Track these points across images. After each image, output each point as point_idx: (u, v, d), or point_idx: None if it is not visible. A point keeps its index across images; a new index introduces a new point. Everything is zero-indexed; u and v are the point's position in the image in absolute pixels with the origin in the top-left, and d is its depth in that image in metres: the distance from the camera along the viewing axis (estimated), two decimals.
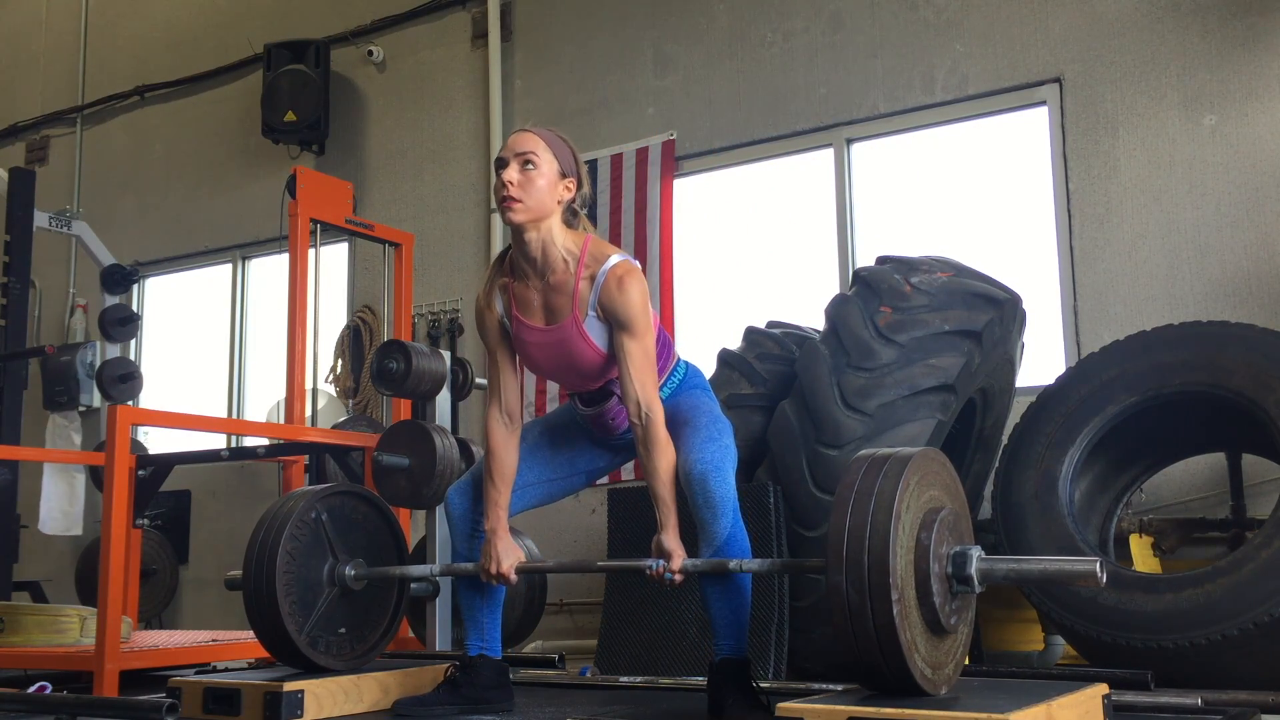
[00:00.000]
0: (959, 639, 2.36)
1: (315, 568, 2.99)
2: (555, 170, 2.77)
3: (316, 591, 2.99)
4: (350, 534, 3.08)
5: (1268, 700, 3.09)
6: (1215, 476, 4.66)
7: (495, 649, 2.96)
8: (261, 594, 2.89)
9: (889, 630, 2.10)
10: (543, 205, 2.75)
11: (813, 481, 4.20)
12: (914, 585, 2.18)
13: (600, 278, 2.74)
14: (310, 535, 2.98)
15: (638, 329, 2.72)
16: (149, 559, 6.28)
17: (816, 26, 5.92)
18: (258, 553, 2.91)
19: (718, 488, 2.72)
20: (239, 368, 7.62)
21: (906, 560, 2.17)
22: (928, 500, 2.28)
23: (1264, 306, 4.71)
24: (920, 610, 2.20)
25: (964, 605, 2.33)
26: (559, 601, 5.88)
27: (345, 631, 3.06)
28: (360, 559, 3.06)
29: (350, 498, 3.12)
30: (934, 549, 2.21)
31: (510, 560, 2.82)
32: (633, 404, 2.72)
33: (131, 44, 8.45)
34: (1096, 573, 2.21)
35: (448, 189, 6.89)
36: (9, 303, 6.80)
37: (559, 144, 2.81)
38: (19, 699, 3.26)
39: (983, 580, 2.27)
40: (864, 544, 2.15)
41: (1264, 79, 4.87)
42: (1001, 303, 4.31)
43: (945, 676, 2.25)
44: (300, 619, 2.93)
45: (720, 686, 2.77)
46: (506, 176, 2.74)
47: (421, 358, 4.69)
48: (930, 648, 2.22)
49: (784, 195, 6.05)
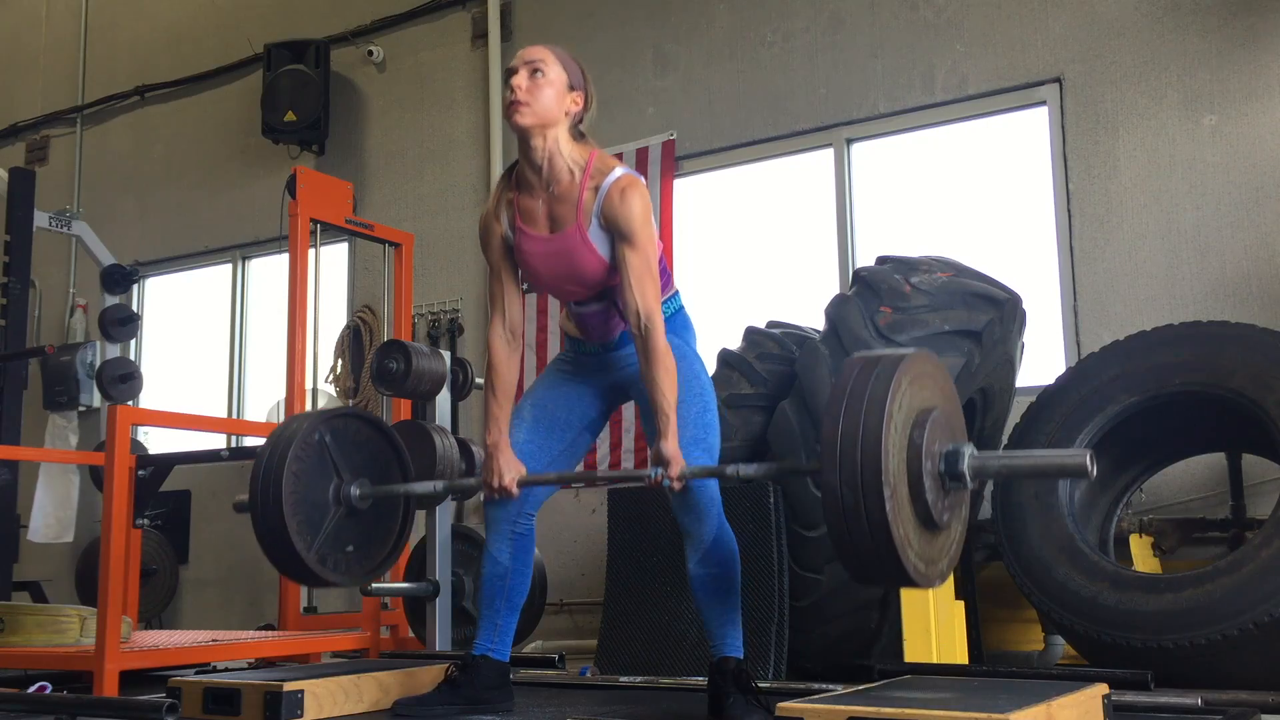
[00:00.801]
0: (952, 535, 2.38)
1: (321, 488, 2.96)
2: (564, 81, 2.82)
3: (323, 511, 2.96)
4: (354, 455, 3.05)
5: (1268, 700, 3.10)
6: (1215, 476, 4.66)
7: (504, 652, 2.96)
8: (269, 514, 2.86)
9: (882, 527, 2.13)
10: (549, 112, 2.78)
11: (813, 481, 4.20)
12: (906, 483, 2.21)
13: (604, 188, 2.77)
14: (315, 456, 2.95)
15: (639, 240, 2.75)
16: (149, 559, 6.28)
17: (816, 26, 5.92)
18: (263, 474, 2.88)
19: (701, 496, 2.75)
20: (239, 368, 7.62)
21: (899, 459, 2.19)
22: (920, 400, 2.29)
23: (1264, 306, 4.71)
24: (913, 507, 2.22)
25: (957, 502, 2.36)
26: (559, 601, 5.88)
27: (353, 549, 3.04)
28: (365, 479, 3.05)
29: (353, 420, 3.10)
30: (926, 447, 2.23)
31: (512, 474, 2.84)
32: (633, 314, 2.73)
33: (131, 44, 8.45)
34: (1086, 464, 2.23)
35: (448, 189, 6.89)
36: (9, 303, 6.80)
37: (569, 61, 2.85)
38: (19, 699, 3.26)
39: (975, 476, 2.31)
40: (857, 444, 2.16)
41: (1264, 79, 4.87)
42: (1001, 303, 4.31)
43: (939, 571, 2.28)
44: (308, 537, 2.90)
45: (720, 686, 2.77)
46: (515, 81, 2.78)
47: (421, 358, 4.69)
48: (924, 544, 2.24)
49: (784, 195, 6.05)
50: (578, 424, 3.01)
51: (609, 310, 2.88)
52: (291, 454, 2.88)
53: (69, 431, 7.53)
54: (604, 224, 2.77)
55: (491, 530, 2.94)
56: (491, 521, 2.94)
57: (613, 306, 2.87)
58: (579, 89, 2.84)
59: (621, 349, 2.93)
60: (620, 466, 5.90)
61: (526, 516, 2.95)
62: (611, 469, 5.92)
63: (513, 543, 2.93)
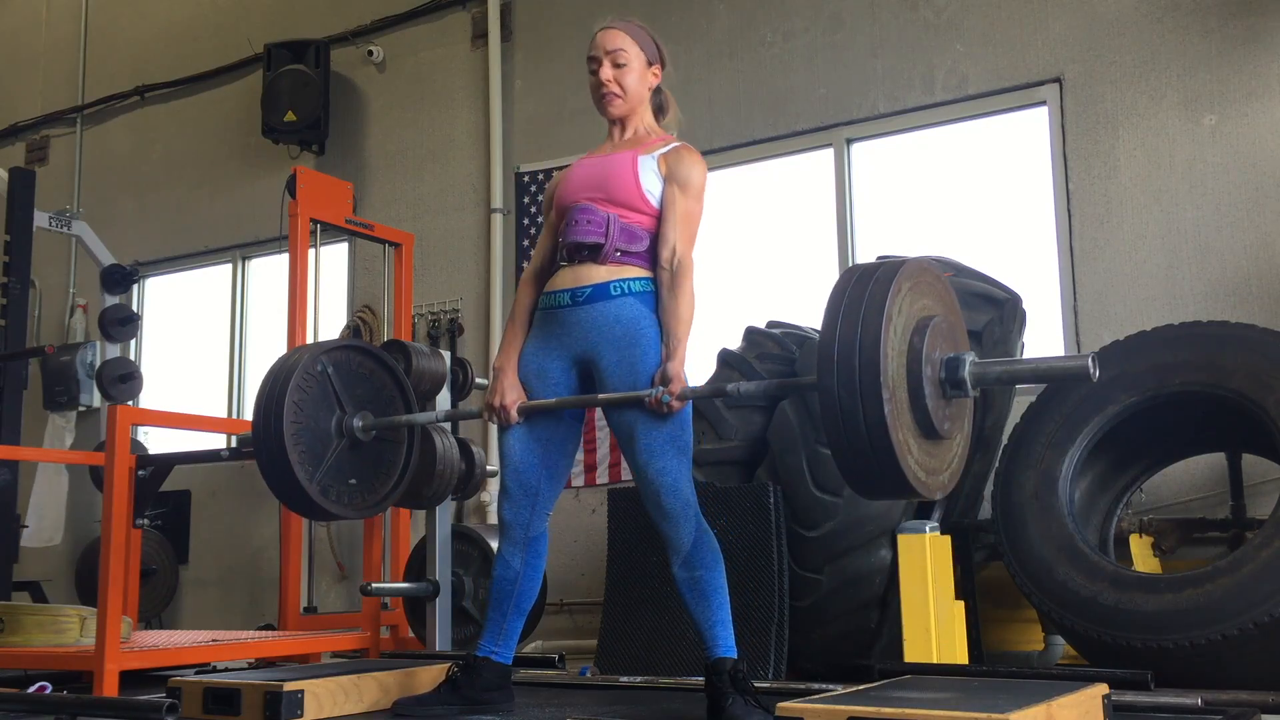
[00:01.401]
0: (954, 446, 2.32)
1: (323, 419, 2.95)
2: (643, 61, 3.03)
3: (325, 443, 2.95)
4: (357, 388, 3.03)
5: (1268, 700, 3.10)
6: (1215, 476, 4.66)
7: (507, 655, 2.96)
8: (271, 444, 2.85)
9: (880, 430, 2.08)
10: (638, 95, 3.03)
11: (813, 481, 4.20)
12: (906, 388, 2.16)
13: (674, 145, 3.02)
14: (317, 388, 2.93)
15: (692, 190, 2.95)
16: (149, 559, 6.28)
17: (816, 26, 5.92)
18: (264, 405, 2.87)
19: (672, 502, 2.76)
20: (239, 368, 7.62)
21: (898, 363, 2.14)
22: (920, 308, 2.24)
23: (1264, 307, 4.71)
24: (913, 414, 2.16)
25: (958, 411, 2.31)
26: (559, 601, 5.88)
27: (356, 482, 3.02)
28: (367, 411, 3.03)
29: (355, 352, 3.09)
30: (926, 353, 2.18)
31: (513, 396, 2.91)
32: (668, 248, 2.90)
33: (131, 44, 8.45)
34: (1089, 368, 2.20)
35: (448, 189, 6.89)
36: (9, 303, 6.80)
37: (642, 36, 3.04)
38: (19, 699, 3.26)
39: (976, 383, 2.26)
40: (855, 347, 2.12)
41: (1264, 79, 4.87)
42: (1001, 302, 4.31)
43: (940, 483, 2.23)
44: (310, 468, 2.89)
45: (718, 687, 2.77)
46: (603, 75, 2.98)
47: (421, 358, 4.68)
48: (924, 452, 2.18)
49: (784, 195, 6.05)
50: (567, 414, 3.00)
51: (603, 225, 2.88)
52: (293, 384, 2.86)
53: (65, 432, 7.53)
54: (663, 167, 2.93)
55: (505, 534, 2.94)
56: (504, 526, 2.94)
57: (608, 227, 2.87)
58: (656, 62, 3.05)
59: (591, 303, 2.88)
60: (620, 465, 5.90)
61: (540, 520, 2.95)
62: (612, 468, 5.93)
63: (525, 548, 2.93)
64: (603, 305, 2.86)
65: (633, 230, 2.89)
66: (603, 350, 2.86)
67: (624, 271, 2.88)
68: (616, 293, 2.87)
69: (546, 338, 2.96)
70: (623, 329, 2.84)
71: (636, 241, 2.91)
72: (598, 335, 2.87)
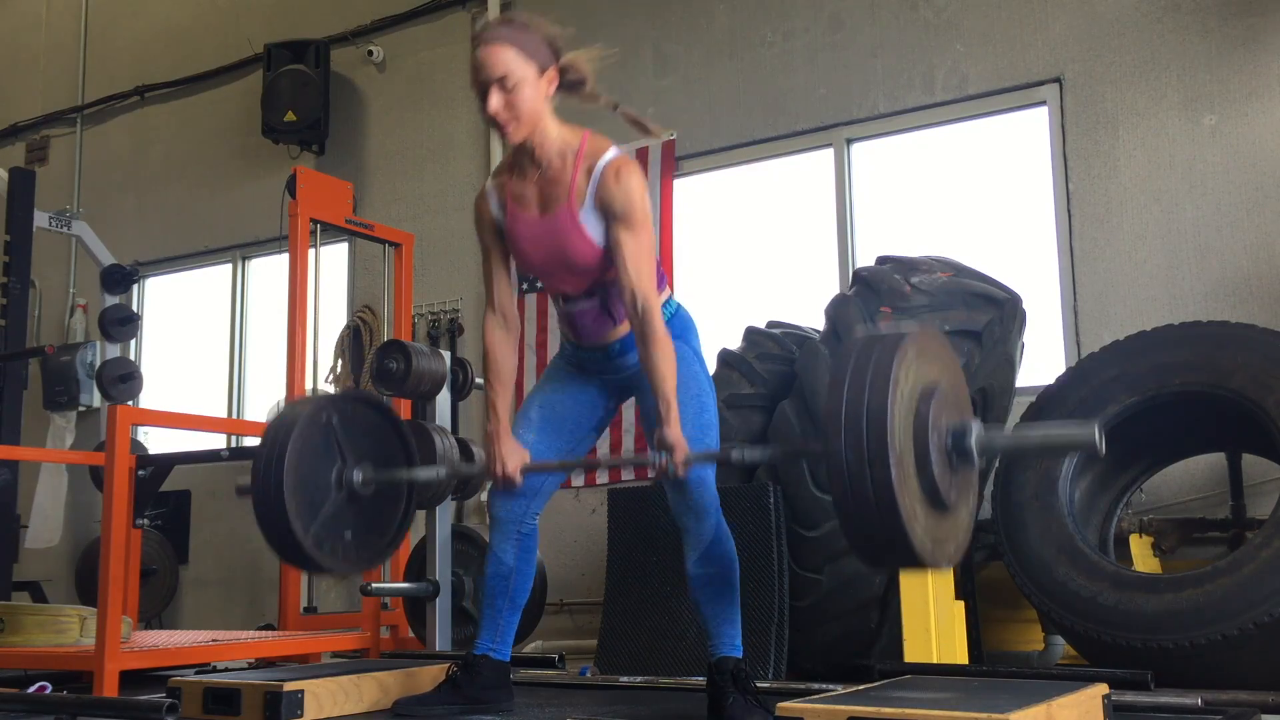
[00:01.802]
0: (960, 519, 2.30)
1: (324, 470, 2.91)
2: (533, 74, 2.72)
3: (324, 494, 2.91)
4: (360, 440, 3.00)
5: (1268, 700, 3.10)
6: (1215, 476, 4.66)
7: (505, 651, 2.96)
8: (269, 493, 2.81)
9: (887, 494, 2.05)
10: (535, 113, 2.72)
11: (813, 481, 4.20)
12: (913, 453, 2.14)
13: (598, 171, 2.72)
14: (320, 438, 2.93)
15: (635, 221, 2.68)
16: (149, 559, 6.27)
17: (816, 26, 5.92)
18: (267, 452, 2.84)
19: (701, 495, 2.75)
20: (239, 368, 7.62)
21: (905, 427, 2.12)
22: (926, 376, 2.23)
23: (1264, 307, 4.71)
24: (919, 479, 2.14)
25: (965, 483, 2.29)
26: (559, 601, 5.88)
27: (351, 536, 3.01)
28: (368, 464, 3.04)
29: (362, 404, 3.07)
30: (933, 421, 2.16)
31: (515, 461, 2.80)
32: (628, 295, 2.67)
33: (131, 44, 8.44)
34: (1095, 438, 2.17)
35: (448, 189, 6.89)
36: (9, 303, 6.80)
37: (529, 40, 2.73)
38: (19, 699, 3.26)
39: (982, 452, 2.23)
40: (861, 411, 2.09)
41: (1264, 79, 4.87)
42: (1001, 303, 4.31)
43: (947, 553, 2.19)
44: (307, 519, 2.85)
45: (719, 686, 2.77)
46: (491, 107, 2.67)
47: (421, 358, 4.69)
48: (931, 521, 2.16)
49: (784, 195, 6.05)
50: (586, 424, 3.00)
51: (600, 311, 2.84)
52: (296, 433, 2.84)
53: (66, 431, 7.53)
54: (599, 206, 2.71)
55: (496, 530, 2.94)
56: (496, 521, 2.93)
57: (603, 308, 2.83)
58: (549, 66, 2.75)
59: (622, 356, 2.89)
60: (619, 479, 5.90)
61: (532, 516, 2.95)
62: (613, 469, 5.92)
63: (518, 543, 2.93)
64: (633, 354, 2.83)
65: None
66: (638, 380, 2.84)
67: None
68: None
69: (582, 368, 2.98)
70: None
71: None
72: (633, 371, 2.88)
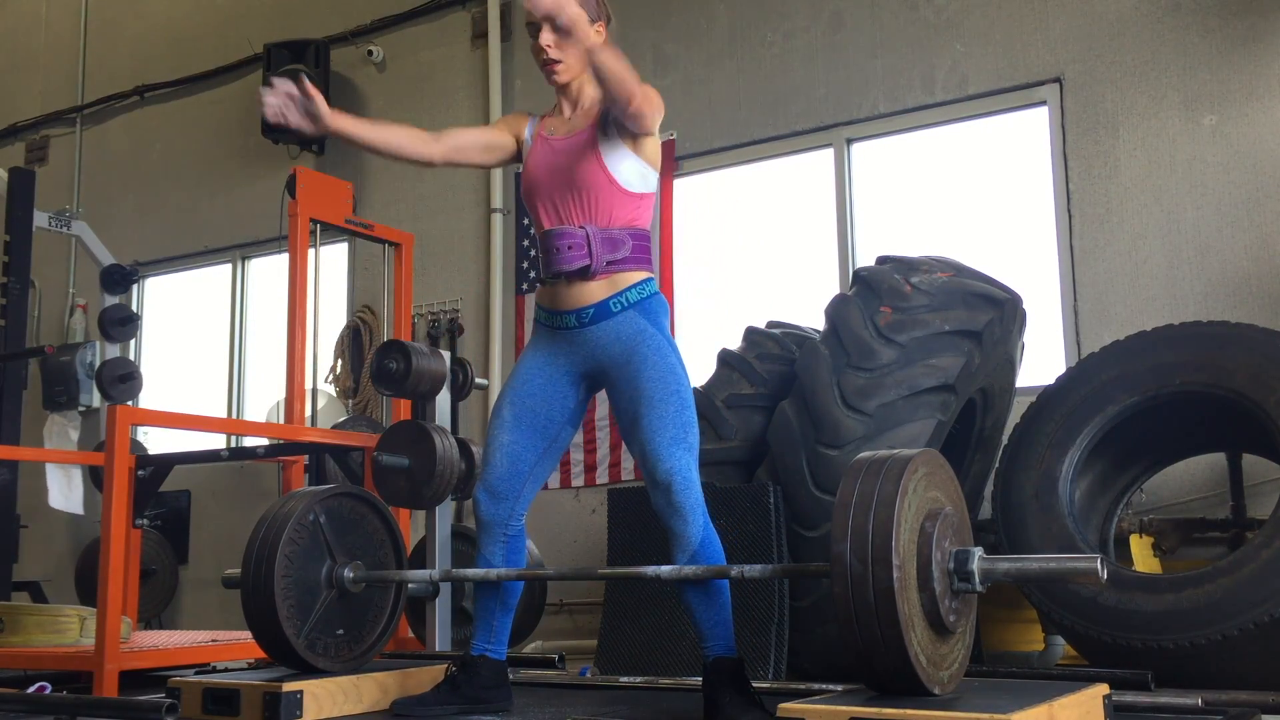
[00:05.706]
0: (960, 643, 2.34)
1: (313, 570, 2.98)
2: (585, 21, 2.75)
3: (315, 594, 2.98)
4: (349, 535, 3.08)
5: (1268, 700, 3.09)
6: (1215, 476, 4.66)
7: (500, 651, 2.96)
8: (260, 597, 2.88)
9: (888, 599, 2.09)
10: (582, 58, 2.83)
11: (813, 481, 4.19)
12: (915, 565, 2.18)
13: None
14: (309, 538, 2.98)
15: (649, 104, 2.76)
16: (149, 559, 6.28)
17: (816, 26, 5.92)
18: (256, 555, 2.90)
19: (685, 497, 2.75)
20: (239, 368, 7.62)
21: (910, 539, 2.16)
22: (930, 499, 2.28)
23: (1264, 306, 4.71)
24: (920, 593, 2.18)
25: (965, 606, 2.32)
26: (559, 601, 5.88)
27: (343, 633, 3.06)
28: (359, 561, 3.06)
29: (349, 499, 3.12)
30: (937, 540, 2.20)
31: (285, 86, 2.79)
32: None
33: (131, 44, 8.45)
34: (1098, 570, 2.20)
35: (448, 189, 6.89)
36: (9, 303, 6.80)
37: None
38: (19, 699, 3.26)
39: (984, 579, 2.27)
40: (869, 517, 2.13)
41: (1264, 79, 4.87)
42: (1001, 303, 4.31)
43: (940, 679, 2.23)
44: (298, 622, 2.92)
45: (716, 686, 2.77)
46: (543, 41, 2.85)
47: (421, 358, 4.69)
48: (928, 639, 2.21)
49: (784, 195, 6.05)
50: (559, 417, 2.98)
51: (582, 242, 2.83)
52: (285, 536, 2.90)
53: (70, 428, 7.52)
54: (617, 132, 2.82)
55: (483, 534, 2.95)
56: (483, 525, 2.95)
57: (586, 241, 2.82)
58: (598, 19, 2.88)
59: (594, 325, 2.87)
60: (621, 466, 5.91)
61: (518, 518, 2.97)
62: (612, 468, 5.94)
63: (505, 545, 2.94)
64: (605, 325, 2.85)
65: (614, 238, 2.84)
66: (607, 369, 2.88)
67: (620, 281, 2.86)
68: (617, 309, 2.85)
69: (554, 353, 2.96)
70: (621, 347, 2.85)
71: (620, 247, 2.86)
72: (602, 353, 2.88)
